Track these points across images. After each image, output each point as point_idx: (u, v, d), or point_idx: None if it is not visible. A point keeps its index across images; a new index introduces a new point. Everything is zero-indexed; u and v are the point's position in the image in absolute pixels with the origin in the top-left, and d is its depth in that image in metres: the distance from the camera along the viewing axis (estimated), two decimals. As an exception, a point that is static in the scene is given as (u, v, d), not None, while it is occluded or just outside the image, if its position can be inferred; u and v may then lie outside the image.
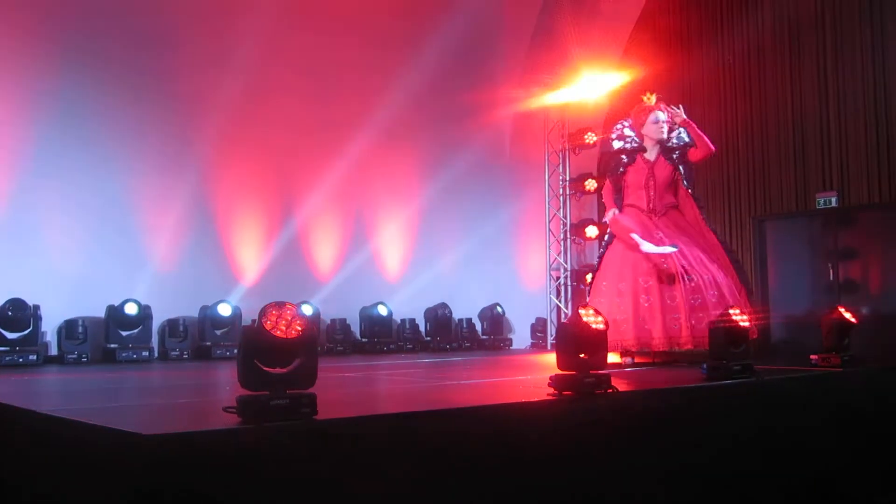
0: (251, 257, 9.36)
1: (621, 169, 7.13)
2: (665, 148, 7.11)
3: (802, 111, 9.92)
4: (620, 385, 4.25)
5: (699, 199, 7.11)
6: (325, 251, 9.92)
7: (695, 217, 6.95)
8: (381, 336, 9.78)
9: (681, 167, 7.04)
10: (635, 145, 7.17)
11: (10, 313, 7.50)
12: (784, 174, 10.06)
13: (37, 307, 7.71)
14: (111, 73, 8.49)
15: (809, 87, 9.89)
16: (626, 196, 7.08)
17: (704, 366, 4.98)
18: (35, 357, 7.55)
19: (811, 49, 9.90)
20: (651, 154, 7.10)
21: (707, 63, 10.69)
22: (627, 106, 11.01)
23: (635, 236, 6.61)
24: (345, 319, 9.71)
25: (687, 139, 7.06)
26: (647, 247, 6.56)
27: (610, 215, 7.05)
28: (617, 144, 7.27)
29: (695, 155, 6.98)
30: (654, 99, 7.19)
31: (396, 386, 5.45)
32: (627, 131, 7.27)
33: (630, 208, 7.00)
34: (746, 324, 5.06)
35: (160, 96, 8.74)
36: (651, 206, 6.94)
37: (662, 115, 7.07)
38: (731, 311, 4.99)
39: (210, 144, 9.00)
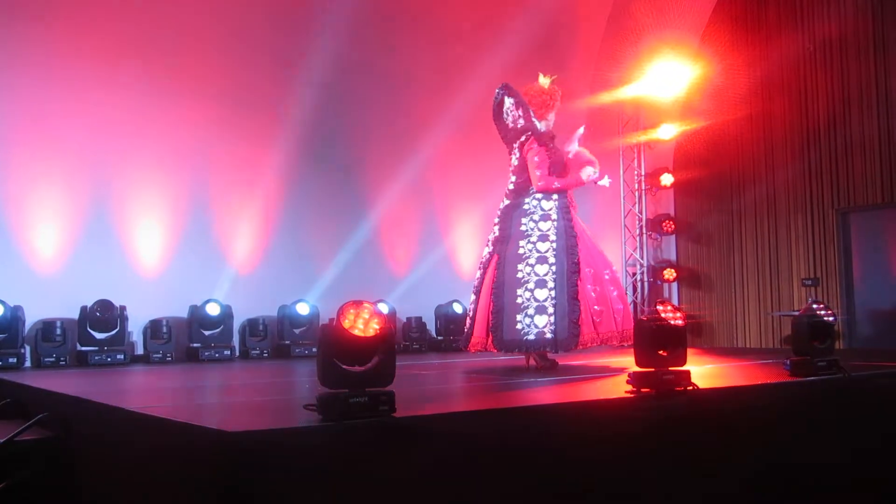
0: (328, 257, 9.48)
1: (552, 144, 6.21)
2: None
3: (888, 99, 9.58)
4: (700, 382, 4.17)
5: None
6: (400, 250, 9.99)
7: None
8: (456, 334, 9.78)
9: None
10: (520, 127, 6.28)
11: (98, 314, 7.76)
12: (869, 165, 9.74)
13: (123, 308, 7.95)
14: (184, 79, 8.68)
15: (895, 73, 9.55)
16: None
17: (787, 362, 4.85)
18: (122, 356, 7.79)
19: (896, 34, 9.58)
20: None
21: (786, 52, 10.42)
22: (705, 98, 10.89)
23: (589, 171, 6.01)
24: (420, 317, 9.76)
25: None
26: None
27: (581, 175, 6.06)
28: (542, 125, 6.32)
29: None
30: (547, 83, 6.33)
31: (473, 383, 5.45)
32: (512, 105, 6.31)
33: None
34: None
35: (238, 103, 8.91)
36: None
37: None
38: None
39: (285, 148, 9.15)
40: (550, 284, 5.77)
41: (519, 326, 5.79)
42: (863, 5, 9.81)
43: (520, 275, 5.88)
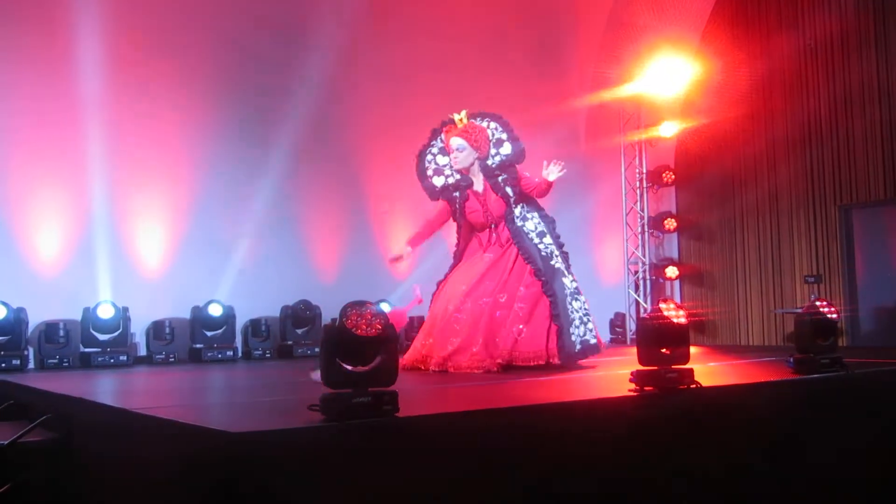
0: (329, 257, 9.48)
1: (458, 206, 6.37)
2: (488, 171, 6.23)
3: (889, 94, 9.56)
4: (703, 380, 4.17)
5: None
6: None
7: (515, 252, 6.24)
8: (457, 333, 9.77)
9: (509, 189, 6.24)
10: (458, 178, 6.35)
11: (101, 316, 7.77)
12: (871, 160, 9.71)
13: (126, 309, 7.95)
14: (183, 80, 8.68)
15: (897, 69, 9.53)
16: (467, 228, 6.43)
17: (791, 359, 4.85)
18: (125, 357, 7.79)
19: (899, 29, 9.55)
20: (478, 184, 6.29)
21: (787, 49, 10.38)
22: (706, 96, 10.88)
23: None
24: (422, 317, 9.73)
25: (510, 152, 6.27)
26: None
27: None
28: (439, 181, 6.45)
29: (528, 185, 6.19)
30: (462, 118, 6.36)
31: (476, 382, 5.45)
32: (441, 159, 6.41)
33: (472, 244, 6.48)
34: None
35: (238, 103, 8.91)
36: (492, 241, 6.33)
37: (457, 142, 6.26)
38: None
39: (287, 147, 9.13)
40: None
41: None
42: (863, 0, 9.79)
43: None
